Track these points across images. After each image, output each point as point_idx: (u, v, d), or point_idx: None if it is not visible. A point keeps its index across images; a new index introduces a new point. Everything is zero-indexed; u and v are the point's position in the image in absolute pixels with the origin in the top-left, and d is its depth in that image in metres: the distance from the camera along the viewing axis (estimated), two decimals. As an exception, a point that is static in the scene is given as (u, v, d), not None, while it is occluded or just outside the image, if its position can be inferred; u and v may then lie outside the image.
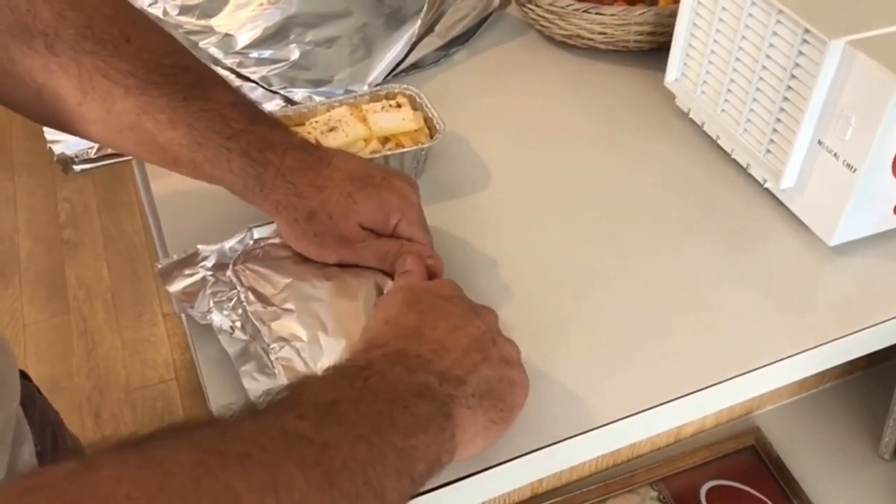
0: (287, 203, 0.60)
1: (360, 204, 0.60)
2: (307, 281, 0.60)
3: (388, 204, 0.61)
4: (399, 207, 0.61)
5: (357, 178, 0.61)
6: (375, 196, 0.60)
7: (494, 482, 0.57)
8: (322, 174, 0.60)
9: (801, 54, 0.66)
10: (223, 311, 0.60)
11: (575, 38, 0.92)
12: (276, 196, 0.60)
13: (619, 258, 0.70)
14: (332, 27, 0.94)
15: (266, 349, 0.57)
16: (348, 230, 0.60)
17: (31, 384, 0.80)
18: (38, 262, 2.13)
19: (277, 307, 0.59)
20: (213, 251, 0.64)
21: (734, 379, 0.62)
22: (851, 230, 0.69)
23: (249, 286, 0.61)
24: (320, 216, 0.60)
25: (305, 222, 0.60)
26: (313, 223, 0.60)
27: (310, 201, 0.59)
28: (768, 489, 0.81)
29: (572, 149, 0.81)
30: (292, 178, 0.60)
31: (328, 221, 0.60)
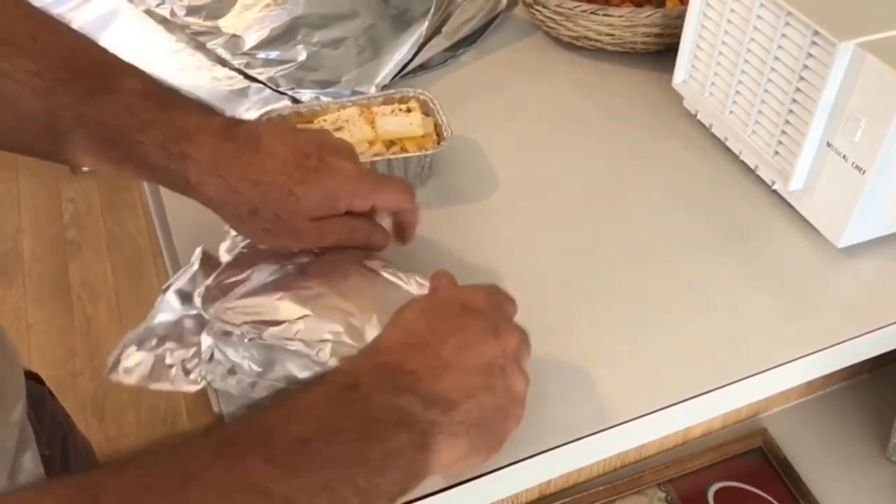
0: (222, 199, 0.56)
1: (303, 200, 0.56)
2: (295, 289, 0.59)
3: (332, 191, 0.57)
4: (344, 190, 0.57)
5: (292, 168, 0.56)
6: (316, 186, 0.56)
7: (502, 484, 0.57)
8: (253, 164, 0.55)
9: (811, 56, 0.66)
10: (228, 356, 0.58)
11: (582, 40, 0.92)
12: (208, 192, 0.55)
13: (627, 261, 0.70)
14: (339, 28, 0.94)
15: (311, 357, 0.56)
16: (298, 225, 0.57)
17: (44, 387, 0.80)
18: (42, 263, 2.13)
19: (290, 321, 0.57)
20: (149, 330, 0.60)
21: (742, 381, 0.62)
22: (860, 232, 0.69)
23: (247, 321, 0.57)
24: (264, 213, 0.56)
25: (250, 218, 0.56)
26: (258, 219, 0.56)
27: (247, 197, 0.55)
28: (776, 491, 0.81)
29: (579, 150, 0.81)
30: (219, 171, 0.55)
31: (275, 220, 0.56)
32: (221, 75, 0.90)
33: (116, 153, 0.55)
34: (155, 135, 0.54)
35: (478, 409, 0.48)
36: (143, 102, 0.55)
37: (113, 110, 0.54)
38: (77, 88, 0.54)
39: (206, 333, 0.58)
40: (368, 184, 0.58)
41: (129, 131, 0.54)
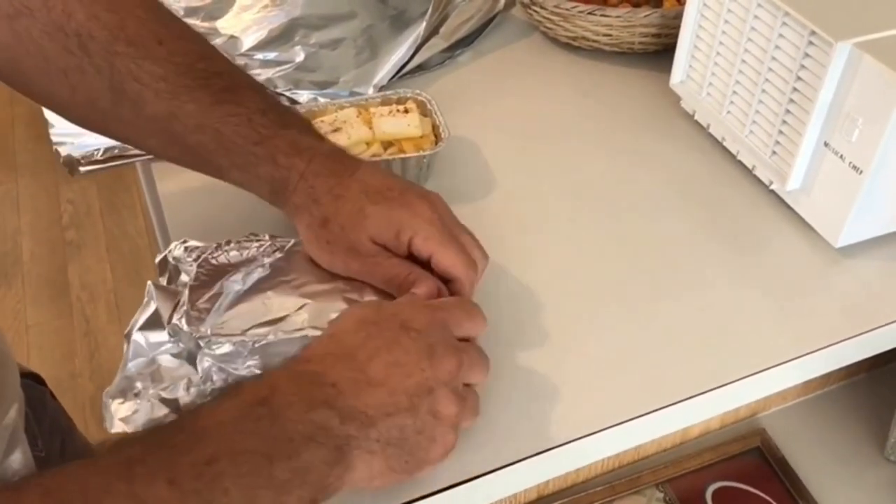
0: (304, 207, 0.59)
1: (370, 218, 0.58)
2: (279, 285, 0.59)
3: (399, 220, 0.58)
4: (411, 225, 0.58)
5: (373, 192, 0.59)
6: (386, 211, 0.58)
7: (500, 485, 0.57)
8: (342, 183, 0.59)
9: (808, 56, 0.66)
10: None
11: (580, 40, 0.92)
12: (296, 199, 0.60)
13: (624, 261, 0.70)
14: (337, 29, 0.94)
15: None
16: (358, 243, 0.58)
17: (45, 388, 0.80)
18: (41, 264, 2.13)
19: (291, 313, 0.58)
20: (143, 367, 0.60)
21: (739, 381, 0.62)
22: (857, 232, 0.69)
23: (248, 328, 0.57)
24: (332, 225, 0.59)
25: (319, 228, 0.59)
26: (326, 231, 0.59)
27: (325, 208, 0.59)
28: (774, 490, 0.81)
29: (576, 151, 0.81)
30: (314, 182, 0.59)
31: (339, 232, 0.59)
32: (219, 76, 0.89)
33: (227, 161, 0.59)
34: (268, 148, 0.59)
35: (397, 429, 0.47)
36: (263, 118, 0.59)
37: (234, 122, 0.58)
38: (201, 97, 0.58)
39: (203, 356, 0.57)
40: (438, 232, 0.58)
41: (246, 143, 0.59)
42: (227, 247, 0.63)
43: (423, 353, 0.49)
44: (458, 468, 0.56)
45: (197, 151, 0.60)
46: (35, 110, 0.82)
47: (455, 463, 0.56)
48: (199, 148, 0.59)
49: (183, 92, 0.58)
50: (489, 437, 0.57)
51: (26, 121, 2.51)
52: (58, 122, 0.83)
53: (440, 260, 0.58)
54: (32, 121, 2.49)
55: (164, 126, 0.58)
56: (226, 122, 0.58)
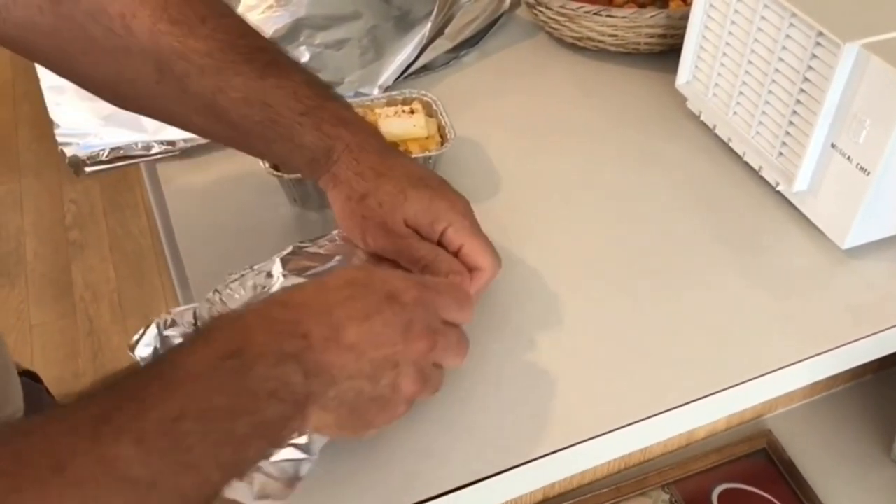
0: (345, 179, 0.61)
1: (410, 201, 0.60)
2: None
3: (437, 209, 0.60)
4: (447, 216, 0.60)
5: (415, 177, 0.61)
6: (427, 198, 0.60)
7: (506, 487, 0.57)
8: (385, 162, 0.61)
9: (815, 57, 0.66)
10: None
11: (585, 41, 0.92)
12: (337, 169, 0.61)
13: (630, 262, 0.70)
14: (342, 29, 0.94)
15: None
16: (393, 222, 0.60)
17: (41, 386, 0.80)
18: (45, 264, 2.13)
19: None
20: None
21: (746, 383, 0.61)
22: (865, 233, 0.69)
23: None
24: (371, 201, 0.60)
25: (357, 203, 0.60)
26: (363, 206, 0.60)
27: (366, 183, 0.60)
28: (780, 492, 0.81)
29: (582, 152, 0.81)
30: (358, 154, 0.61)
31: (377, 208, 0.60)
32: (224, 77, 0.89)
33: (272, 132, 0.60)
34: (314, 118, 0.60)
35: (353, 392, 0.48)
36: (308, 90, 0.61)
37: (281, 94, 0.60)
38: (247, 71, 0.59)
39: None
40: (470, 224, 0.61)
41: (292, 114, 0.60)
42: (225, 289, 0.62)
43: (399, 328, 0.49)
44: (464, 471, 0.56)
45: (241, 125, 0.60)
46: (39, 110, 0.82)
47: (460, 466, 0.56)
48: (245, 121, 0.60)
49: (228, 67, 0.59)
50: (495, 439, 0.57)
51: (30, 121, 2.51)
52: (63, 123, 0.83)
53: (471, 250, 0.60)
54: (36, 121, 2.49)
55: (209, 102, 0.59)
56: (272, 94, 0.59)
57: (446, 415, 0.58)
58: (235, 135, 0.62)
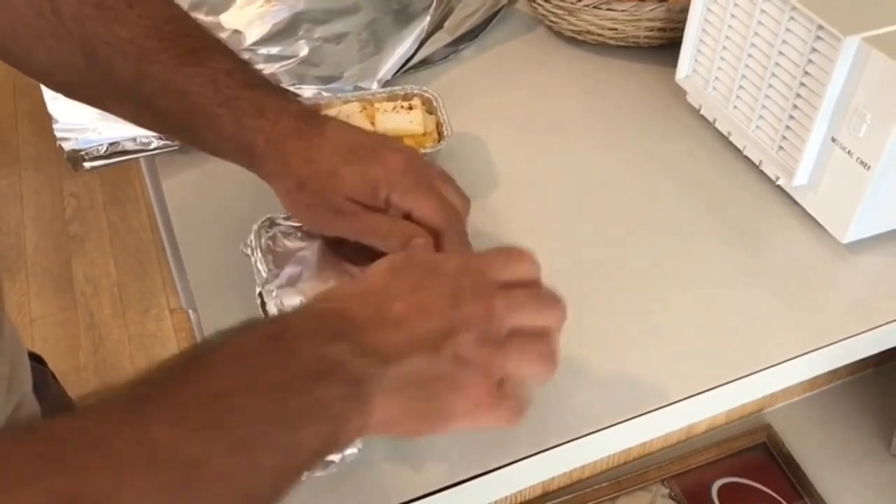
0: (277, 172, 0.59)
1: (345, 179, 0.58)
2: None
3: (374, 177, 0.58)
4: (386, 180, 0.57)
5: (345, 152, 0.59)
6: (360, 170, 0.58)
7: (505, 481, 0.57)
8: (312, 145, 0.59)
9: (815, 51, 0.66)
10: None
11: (585, 35, 0.91)
12: (266, 165, 0.59)
13: (629, 257, 0.70)
14: (341, 23, 0.94)
15: None
16: (338, 204, 0.58)
17: (46, 369, 0.81)
18: (45, 258, 2.13)
19: None
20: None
21: (746, 377, 0.61)
22: (865, 228, 0.69)
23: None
24: (310, 188, 0.59)
25: (297, 192, 0.59)
26: (304, 194, 0.59)
27: (299, 172, 0.59)
28: (780, 486, 0.81)
29: (581, 145, 0.81)
30: (282, 146, 0.59)
31: (319, 195, 0.59)
32: (223, 71, 0.89)
33: (193, 123, 0.59)
34: (233, 110, 0.58)
35: (414, 371, 0.45)
36: (228, 79, 0.58)
37: (198, 83, 0.58)
38: (166, 59, 0.57)
39: None
40: (413, 184, 0.58)
41: (210, 105, 0.58)
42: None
43: (448, 296, 0.47)
44: (463, 466, 0.56)
45: (167, 116, 0.59)
46: (39, 104, 0.82)
47: (460, 461, 0.56)
48: (167, 112, 0.59)
49: (150, 54, 0.57)
50: (494, 434, 0.57)
51: (29, 114, 2.51)
52: (61, 117, 0.83)
53: (420, 214, 0.57)
54: (36, 115, 2.49)
55: (133, 90, 0.58)
56: (189, 84, 0.58)
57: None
58: (163, 125, 0.61)
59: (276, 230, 0.66)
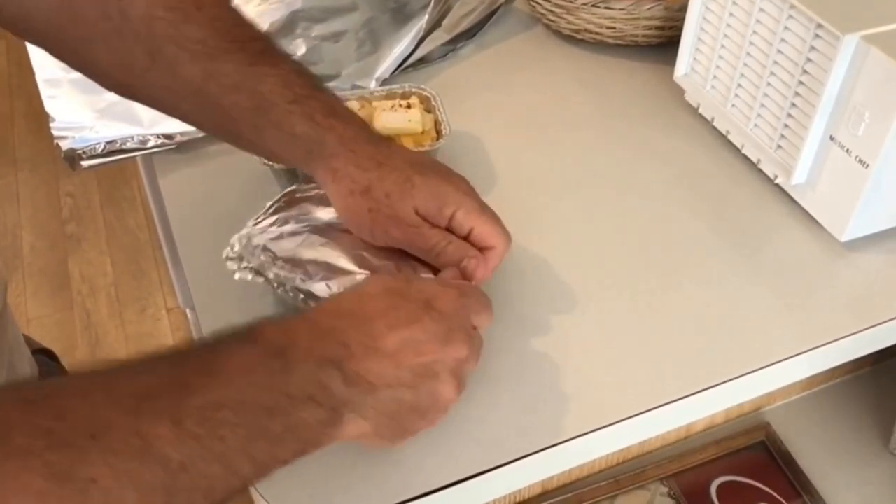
0: (345, 173, 0.60)
1: (418, 188, 0.59)
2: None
3: (445, 193, 0.60)
4: (455, 199, 0.60)
5: (417, 164, 0.61)
6: (434, 183, 0.60)
7: (503, 481, 0.57)
8: (383, 151, 0.60)
9: (814, 49, 0.66)
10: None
11: (583, 33, 0.91)
12: (335, 163, 0.60)
13: (628, 255, 0.70)
14: (339, 22, 0.94)
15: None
16: (403, 212, 0.59)
17: (56, 364, 0.81)
18: (42, 257, 2.13)
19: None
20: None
21: (745, 376, 0.61)
22: (863, 226, 0.69)
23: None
24: (377, 192, 0.59)
25: (361, 196, 0.59)
26: (369, 198, 0.59)
27: (369, 174, 0.59)
28: (779, 485, 0.81)
29: (579, 145, 0.81)
30: (354, 146, 0.60)
31: (384, 199, 0.59)
32: (220, 70, 0.89)
33: (263, 120, 0.60)
34: (305, 107, 0.60)
35: (394, 402, 0.49)
36: (298, 79, 0.60)
37: (271, 81, 0.59)
38: (239, 58, 0.59)
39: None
40: (477, 205, 0.61)
41: (282, 101, 0.59)
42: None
43: (440, 336, 0.50)
44: (462, 465, 0.56)
45: (231, 113, 0.60)
46: (35, 103, 0.82)
47: (459, 460, 0.56)
48: (234, 109, 0.60)
49: (221, 53, 0.59)
50: (492, 433, 0.57)
51: (26, 114, 2.51)
52: (58, 116, 0.83)
53: (482, 230, 0.60)
54: (32, 114, 2.48)
55: (199, 87, 0.59)
56: (263, 82, 0.59)
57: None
58: (226, 122, 0.61)
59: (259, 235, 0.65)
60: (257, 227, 0.63)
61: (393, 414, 0.49)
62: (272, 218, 0.64)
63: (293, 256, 0.61)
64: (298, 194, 0.66)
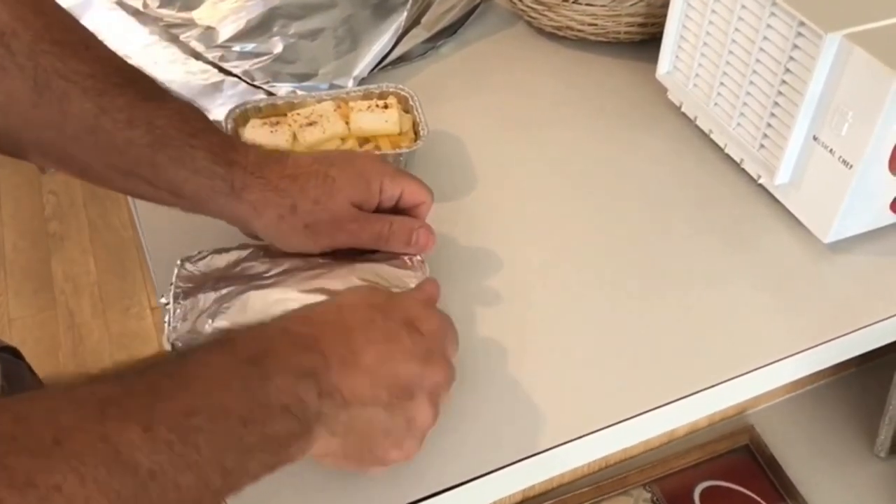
0: (265, 200, 0.58)
1: (339, 180, 0.58)
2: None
3: (364, 171, 0.59)
4: (376, 171, 0.60)
5: (324, 160, 0.60)
6: (349, 168, 0.59)
7: (482, 492, 0.56)
8: (288, 165, 0.59)
9: (796, 48, 0.64)
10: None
11: (565, 30, 0.90)
12: (251, 196, 0.58)
13: (610, 256, 0.69)
14: (317, 19, 0.92)
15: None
16: (338, 209, 0.58)
17: (22, 362, 0.79)
18: (24, 256, 2.11)
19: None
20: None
21: (727, 382, 0.60)
22: (847, 227, 0.68)
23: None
24: (304, 205, 0.58)
25: (291, 216, 0.58)
26: (299, 215, 0.58)
27: (289, 193, 0.58)
28: (763, 489, 0.80)
29: (561, 144, 0.80)
30: (262, 173, 0.58)
31: (315, 208, 0.58)
32: (195, 69, 0.87)
33: (163, 156, 0.56)
34: (205, 141, 0.57)
35: (366, 422, 0.47)
36: (193, 113, 0.59)
37: (167, 114, 0.57)
38: (131, 92, 0.56)
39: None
40: (393, 167, 0.61)
41: (182, 135, 0.57)
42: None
43: (419, 357, 0.49)
44: (441, 475, 0.54)
45: (127, 152, 0.56)
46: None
47: (438, 470, 0.55)
48: (130, 147, 0.56)
49: (112, 88, 0.56)
50: (470, 444, 0.56)
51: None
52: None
53: (411, 187, 0.61)
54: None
55: (91, 125, 0.55)
56: (159, 115, 0.56)
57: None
58: (120, 162, 0.57)
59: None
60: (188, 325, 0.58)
61: (363, 434, 0.48)
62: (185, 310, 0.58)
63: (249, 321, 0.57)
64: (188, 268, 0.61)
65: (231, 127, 0.72)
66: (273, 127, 0.72)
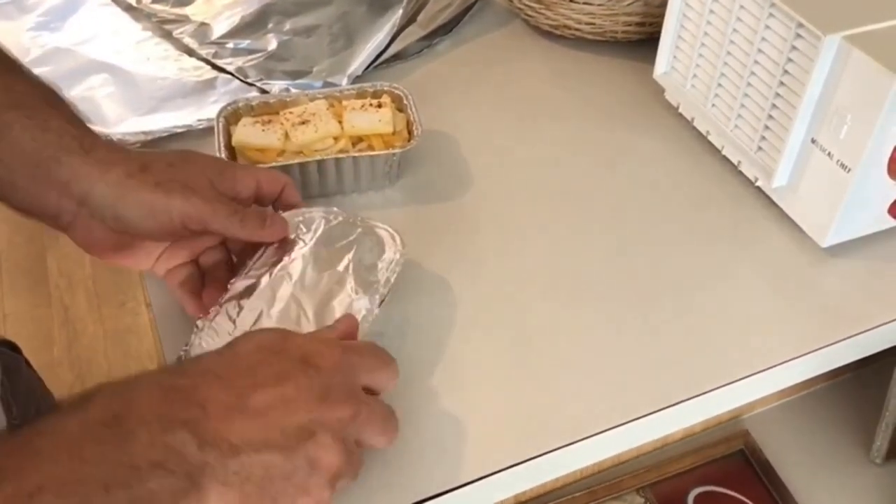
0: (115, 159, 0.55)
1: (194, 156, 0.59)
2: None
3: (215, 162, 0.61)
4: (227, 162, 0.64)
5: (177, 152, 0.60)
6: (201, 157, 0.60)
7: (474, 497, 0.55)
8: (144, 152, 0.59)
9: (795, 49, 0.64)
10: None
11: (562, 28, 0.89)
12: (99, 154, 0.55)
13: (605, 260, 0.68)
14: (312, 16, 0.92)
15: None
16: (193, 176, 0.56)
17: (20, 356, 0.78)
18: (19, 252, 2.10)
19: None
20: None
21: (722, 388, 0.60)
22: (845, 231, 0.67)
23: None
24: (157, 166, 0.56)
25: (141, 173, 0.55)
26: (151, 173, 0.55)
27: (141, 156, 0.57)
28: (758, 495, 0.79)
29: (557, 143, 0.79)
30: (115, 147, 0.58)
31: (169, 169, 0.56)
32: (188, 66, 0.86)
33: (15, 114, 0.55)
34: (65, 112, 0.57)
35: (261, 468, 0.43)
36: (55, 93, 0.59)
37: (28, 84, 0.58)
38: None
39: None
40: (238, 164, 0.65)
41: (40, 102, 0.57)
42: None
43: (315, 394, 0.45)
44: (433, 481, 0.54)
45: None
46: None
47: (428, 476, 0.54)
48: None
49: None
50: (463, 448, 0.55)
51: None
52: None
53: (267, 178, 0.61)
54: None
55: None
56: (17, 83, 0.57)
57: (413, 425, 0.56)
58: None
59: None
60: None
61: (262, 482, 0.43)
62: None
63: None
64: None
65: (222, 125, 0.72)
66: (265, 125, 0.71)
